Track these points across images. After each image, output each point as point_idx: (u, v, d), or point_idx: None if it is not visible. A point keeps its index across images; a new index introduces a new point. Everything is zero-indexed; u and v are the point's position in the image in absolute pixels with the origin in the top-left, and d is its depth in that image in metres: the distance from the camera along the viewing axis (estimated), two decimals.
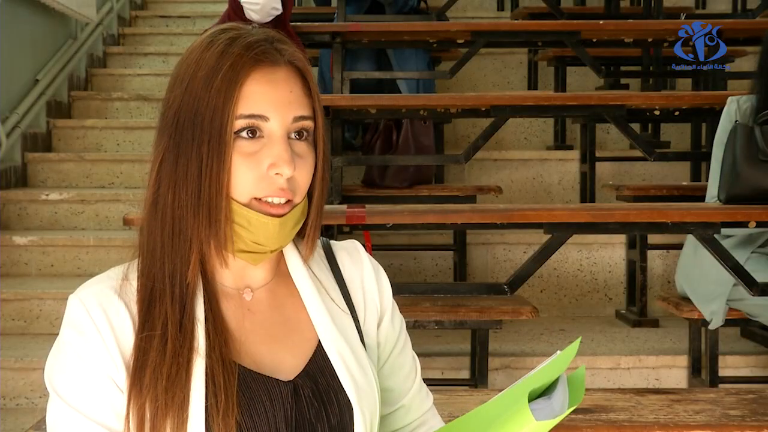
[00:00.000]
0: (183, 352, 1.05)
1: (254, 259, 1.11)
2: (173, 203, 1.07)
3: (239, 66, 1.06)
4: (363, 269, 1.21)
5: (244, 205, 1.06)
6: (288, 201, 1.07)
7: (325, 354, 1.12)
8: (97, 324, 1.06)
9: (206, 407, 1.03)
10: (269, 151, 1.06)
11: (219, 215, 1.05)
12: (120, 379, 1.05)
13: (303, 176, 1.09)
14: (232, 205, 1.06)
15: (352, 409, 1.10)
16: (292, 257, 1.17)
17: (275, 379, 1.09)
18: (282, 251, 1.17)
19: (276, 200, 1.06)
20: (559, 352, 0.99)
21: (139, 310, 1.07)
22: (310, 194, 1.12)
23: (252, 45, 1.07)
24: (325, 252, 1.22)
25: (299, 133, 1.09)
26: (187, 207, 1.06)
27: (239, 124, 1.06)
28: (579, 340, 0.99)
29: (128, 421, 1.03)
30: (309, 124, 1.10)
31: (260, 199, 1.06)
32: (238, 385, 1.06)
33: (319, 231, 1.16)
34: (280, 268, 1.17)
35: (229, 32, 1.10)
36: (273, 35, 1.11)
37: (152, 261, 1.08)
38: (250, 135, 1.06)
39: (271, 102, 1.06)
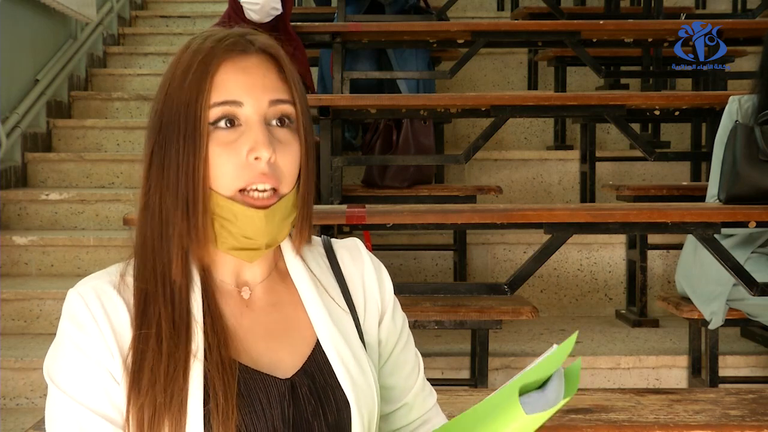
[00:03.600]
0: (179, 350, 1.05)
1: (248, 256, 1.10)
2: (160, 204, 1.08)
3: (210, 57, 1.07)
4: (364, 267, 1.21)
5: (229, 198, 1.06)
6: (274, 191, 1.06)
7: (324, 352, 1.12)
8: (95, 317, 1.06)
9: (206, 409, 1.03)
10: (246, 137, 1.06)
11: (196, 208, 1.05)
12: (117, 371, 1.05)
13: (287, 163, 1.08)
14: (217, 198, 1.06)
15: (349, 408, 1.10)
16: (290, 255, 1.17)
17: (273, 376, 1.09)
18: (281, 249, 1.17)
19: (261, 186, 1.06)
20: (555, 346, 0.98)
21: (136, 310, 1.07)
22: (298, 185, 1.11)
23: (223, 38, 1.09)
24: (325, 250, 1.22)
25: (280, 120, 1.09)
26: (170, 205, 1.07)
27: (214, 113, 1.06)
28: (576, 334, 0.98)
29: (128, 423, 1.04)
30: (288, 108, 1.09)
31: (244, 190, 1.06)
32: (236, 384, 1.06)
33: (309, 222, 1.14)
34: (278, 267, 1.17)
35: (205, 33, 1.12)
36: (247, 30, 1.12)
37: (144, 263, 1.09)
38: (228, 125, 1.06)
39: (243, 87, 1.07)
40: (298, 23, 4.15)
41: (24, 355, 3.31)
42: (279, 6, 3.79)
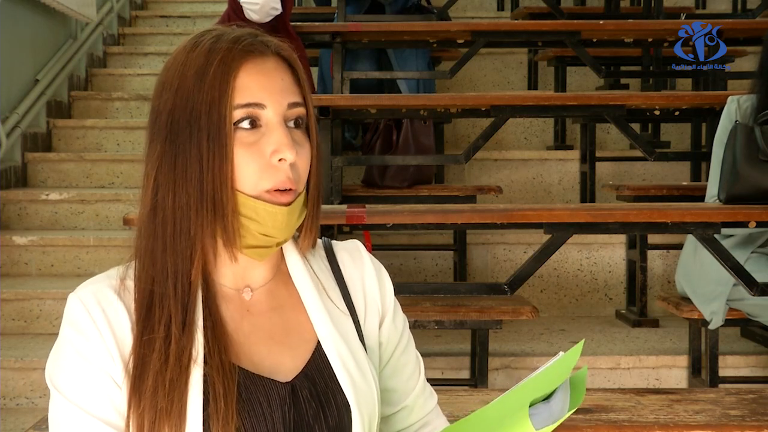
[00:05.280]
0: (185, 354, 1.04)
1: (260, 254, 1.10)
2: (174, 204, 1.06)
3: (230, 59, 1.06)
4: (364, 269, 1.21)
5: (253, 197, 1.06)
6: (291, 190, 1.08)
7: (324, 355, 1.12)
8: (96, 322, 1.06)
9: (205, 413, 1.03)
10: (269, 138, 1.06)
11: (225, 208, 1.05)
12: (118, 376, 1.05)
13: (303, 164, 1.09)
14: (239, 197, 1.06)
15: (350, 410, 1.10)
16: (293, 257, 1.17)
17: (273, 380, 1.09)
18: (283, 251, 1.17)
19: (283, 188, 1.07)
20: (562, 353, 0.98)
21: (138, 315, 1.07)
22: (306, 185, 1.12)
23: (238, 39, 1.08)
24: (326, 252, 1.21)
25: (295, 121, 1.10)
26: (188, 206, 1.06)
27: (237, 114, 1.06)
28: (582, 342, 0.98)
29: (128, 427, 1.03)
30: (303, 111, 1.11)
31: (269, 191, 1.06)
32: (237, 388, 1.05)
33: (317, 222, 1.15)
34: (280, 269, 1.17)
35: (212, 32, 1.11)
36: (255, 31, 1.12)
37: (152, 263, 1.08)
38: (250, 126, 1.07)
39: (265, 90, 1.07)
40: (298, 23, 4.15)
41: (24, 355, 3.31)
42: (279, 6, 3.79)
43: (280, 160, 1.06)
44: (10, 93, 4.62)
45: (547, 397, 0.97)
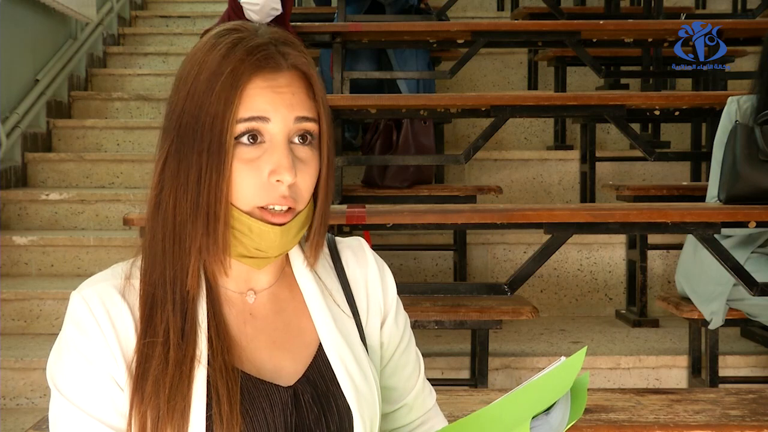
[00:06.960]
0: (185, 360, 1.04)
1: (257, 264, 1.10)
2: (174, 208, 1.06)
3: (240, 71, 1.04)
4: (368, 269, 1.20)
5: (246, 212, 1.05)
6: (290, 209, 1.06)
7: (326, 359, 1.12)
8: (99, 322, 1.06)
9: (208, 416, 1.03)
10: (270, 157, 1.04)
11: (217, 223, 1.04)
12: (121, 377, 1.05)
13: (305, 182, 1.07)
14: (233, 211, 1.05)
15: (351, 415, 1.10)
16: (297, 261, 1.16)
17: (275, 384, 1.08)
18: (288, 255, 1.16)
19: (278, 208, 1.05)
20: (563, 358, 0.96)
21: (141, 316, 1.06)
22: (314, 199, 1.10)
23: (254, 49, 1.05)
24: (329, 250, 1.21)
25: (303, 137, 1.07)
26: (186, 214, 1.05)
27: (240, 128, 1.04)
28: (584, 350, 0.97)
29: (130, 426, 1.03)
30: (312, 126, 1.08)
31: (263, 207, 1.05)
32: (240, 391, 1.05)
33: (323, 238, 1.14)
34: (285, 271, 1.16)
35: (233, 34, 1.07)
36: (278, 37, 1.08)
37: (153, 266, 1.08)
38: (251, 141, 1.04)
39: (271, 103, 1.05)
40: (298, 23, 4.15)
41: (24, 355, 3.31)
42: (279, 6, 3.79)
43: (277, 180, 1.04)
44: (10, 93, 4.62)
45: (547, 409, 0.96)
